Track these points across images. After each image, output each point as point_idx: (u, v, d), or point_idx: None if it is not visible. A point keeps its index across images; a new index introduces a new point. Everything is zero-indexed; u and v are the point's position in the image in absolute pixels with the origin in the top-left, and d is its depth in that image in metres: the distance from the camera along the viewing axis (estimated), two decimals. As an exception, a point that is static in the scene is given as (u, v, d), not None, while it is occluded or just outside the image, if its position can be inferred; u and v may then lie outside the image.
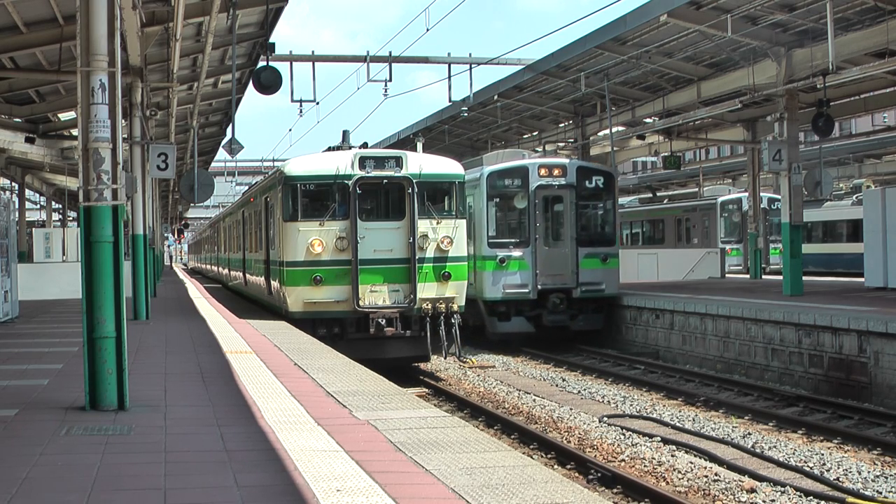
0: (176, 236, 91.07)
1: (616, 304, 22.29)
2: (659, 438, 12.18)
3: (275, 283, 19.02)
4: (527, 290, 21.78)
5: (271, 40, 20.37)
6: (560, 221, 22.48)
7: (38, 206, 54.51)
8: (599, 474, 10.27)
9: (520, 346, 22.08)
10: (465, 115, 30.81)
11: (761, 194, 31.55)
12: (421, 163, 17.77)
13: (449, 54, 29.25)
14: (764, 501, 9.33)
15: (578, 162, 24.47)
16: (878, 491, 9.70)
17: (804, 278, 22.19)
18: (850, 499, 9.37)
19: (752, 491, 9.63)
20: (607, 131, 28.59)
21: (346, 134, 19.49)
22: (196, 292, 30.23)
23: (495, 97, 29.45)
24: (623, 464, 10.95)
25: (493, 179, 22.07)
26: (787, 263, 21.77)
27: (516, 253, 21.84)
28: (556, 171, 22.13)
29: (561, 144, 33.54)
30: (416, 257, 17.29)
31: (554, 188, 22.14)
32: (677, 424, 13.15)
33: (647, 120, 29.39)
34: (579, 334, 22.33)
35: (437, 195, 17.86)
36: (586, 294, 22.05)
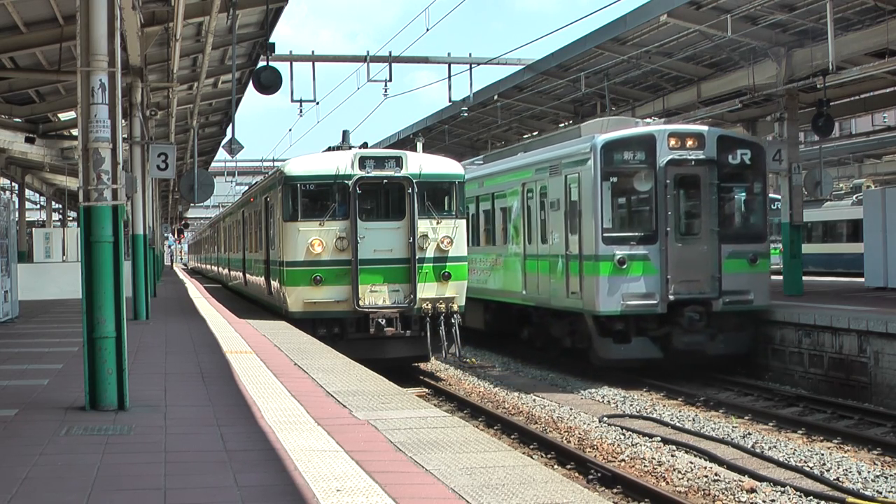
0: (176, 236, 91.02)
1: (764, 319, 17.08)
2: (659, 438, 12.18)
3: (275, 283, 19.02)
4: (653, 302, 16.51)
5: (271, 40, 20.38)
6: (695, 209, 17.35)
7: (38, 206, 54.49)
8: (599, 474, 10.27)
9: (638, 375, 16.96)
10: (465, 115, 30.80)
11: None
12: (421, 163, 17.77)
13: (449, 54, 29.27)
14: (764, 501, 9.33)
15: (719, 130, 18.65)
16: (878, 491, 9.71)
17: (803, 278, 22.18)
18: (850, 499, 9.37)
19: (752, 491, 9.63)
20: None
21: (346, 134, 19.49)
22: (196, 292, 30.23)
23: (495, 97, 29.44)
24: (623, 464, 10.95)
25: (611, 152, 16.78)
26: (786, 263, 21.78)
27: (640, 251, 16.63)
28: (689, 142, 17.06)
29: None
30: (416, 257, 17.29)
31: (689, 164, 16.93)
32: (677, 424, 13.15)
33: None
34: (711, 360, 17.15)
35: (437, 195, 17.86)
36: (730, 306, 16.80)
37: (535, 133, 35.37)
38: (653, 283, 16.52)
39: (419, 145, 21.84)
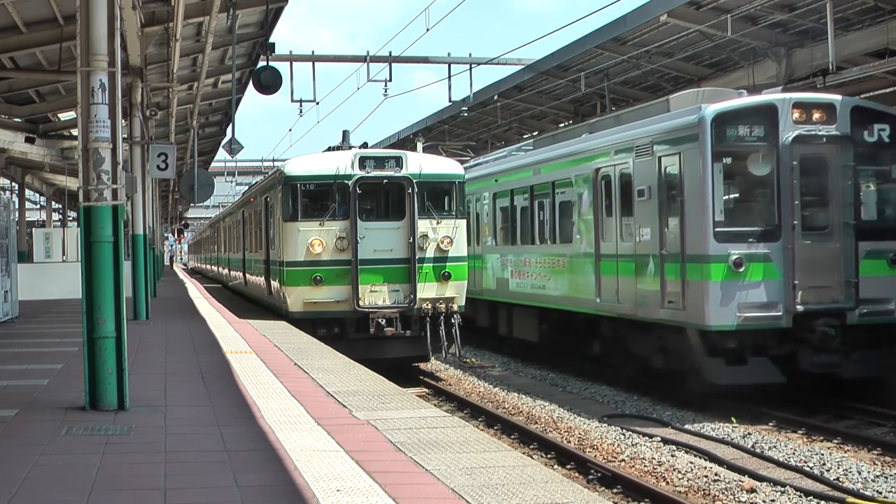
0: (176, 236, 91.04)
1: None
2: (659, 438, 12.18)
3: (275, 283, 19.02)
4: (777, 314, 13.29)
5: (271, 40, 20.40)
6: (823, 197, 14.00)
7: (38, 206, 54.52)
8: (599, 474, 10.27)
9: (756, 403, 13.85)
10: (465, 115, 30.80)
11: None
12: (421, 163, 17.78)
13: (449, 54, 29.29)
14: (764, 501, 9.33)
15: (854, 100, 14.97)
16: (878, 491, 9.70)
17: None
18: (850, 499, 9.37)
19: (752, 491, 9.63)
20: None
21: (346, 134, 19.50)
22: (196, 292, 30.24)
23: (495, 97, 29.43)
24: (623, 464, 10.94)
25: (724, 126, 13.55)
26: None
27: (760, 250, 13.41)
28: (816, 114, 13.80)
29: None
30: (416, 257, 17.29)
31: (818, 141, 13.69)
32: (677, 424, 13.15)
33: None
34: (833, 383, 14.07)
35: (437, 195, 17.87)
36: (868, 318, 13.64)
37: (535, 133, 35.39)
38: (775, 289, 13.31)
39: (419, 145, 21.86)
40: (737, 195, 14.08)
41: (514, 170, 20.66)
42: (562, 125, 33.19)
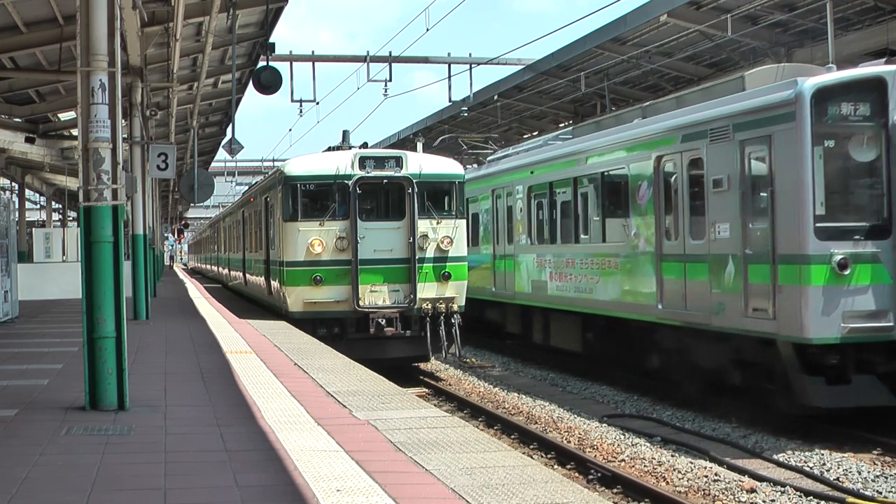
0: (176, 236, 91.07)
1: None
2: (659, 438, 12.18)
3: (275, 283, 19.02)
4: (888, 325, 11.46)
5: (271, 40, 20.39)
6: None
7: (38, 206, 54.53)
8: (599, 474, 10.27)
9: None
10: (465, 115, 30.81)
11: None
12: (421, 163, 17.79)
13: (449, 54, 29.29)
14: (764, 501, 9.33)
15: None
16: (878, 491, 9.70)
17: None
18: (850, 499, 9.37)
19: (752, 491, 9.63)
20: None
21: (346, 134, 19.51)
22: (196, 292, 30.24)
23: (495, 97, 29.44)
24: (623, 464, 10.94)
25: (825, 103, 11.68)
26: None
27: (867, 249, 11.58)
28: None
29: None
30: (416, 257, 17.30)
31: None
32: (677, 424, 13.15)
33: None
34: None
35: (437, 195, 17.88)
36: None
37: (535, 133, 35.35)
38: (885, 295, 11.43)
39: (419, 145, 21.86)
40: (840, 185, 12.01)
41: (554, 160, 18.35)
42: (562, 125, 33.21)
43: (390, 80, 28.10)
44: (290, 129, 74.98)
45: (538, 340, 19.62)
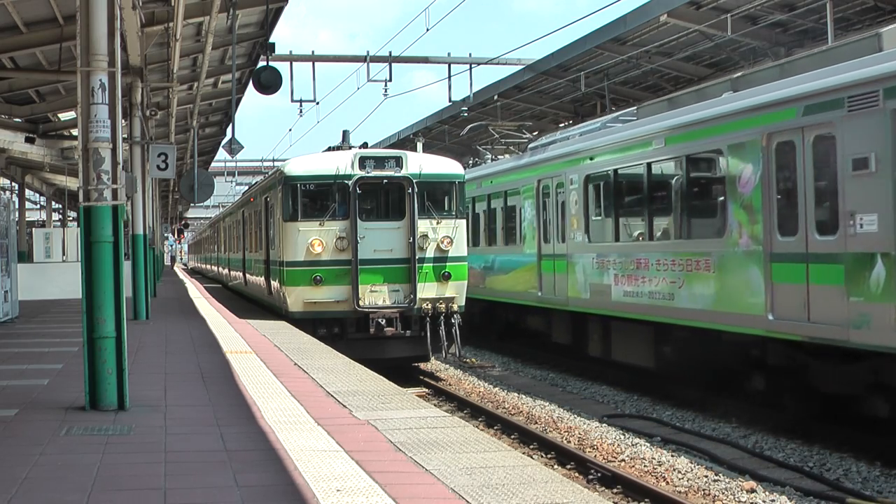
0: (176, 236, 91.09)
1: None
2: (659, 438, 12.18)
3: (275, 283, 19.02)
4: None
5: (271, 40, 20.40)
6: None
7: (38, 206, 54.53)
8: (599, 474, 10.27)
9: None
10: (465, 115, 30.80)
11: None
12: (421, 163, 17.79)
13: (449, 54, 29.27)
14: (764, 501, 9.33)
15: None
16: (878, 491, 9.70)
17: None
18: (850, 499, 9.37)
19: (752, 491, 9.63)
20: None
21: (346, 134, 19.51)
22: (196, 292, 30.25)
23: (495, 97, 29.43)
24: (623, 464, 10.94)
25: None
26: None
27: None
28: None
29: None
30: (416, 257, 17.30)
31: None
32: (677, 424, 13.15)
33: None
34: None
35: (437, 195, 17.88)
36: None
37: (534, 133, 35.30)
38: None
39: (419, 145, 21.85)
40: None
41: (620, 144, 15.66)
42: (562, 125, 33.18)
43: (390, 80, 28.12)
44: (290, 129, 74.92)
45: (595, 353, 17.00)
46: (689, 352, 14.11)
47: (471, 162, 26.81)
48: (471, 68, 28.91)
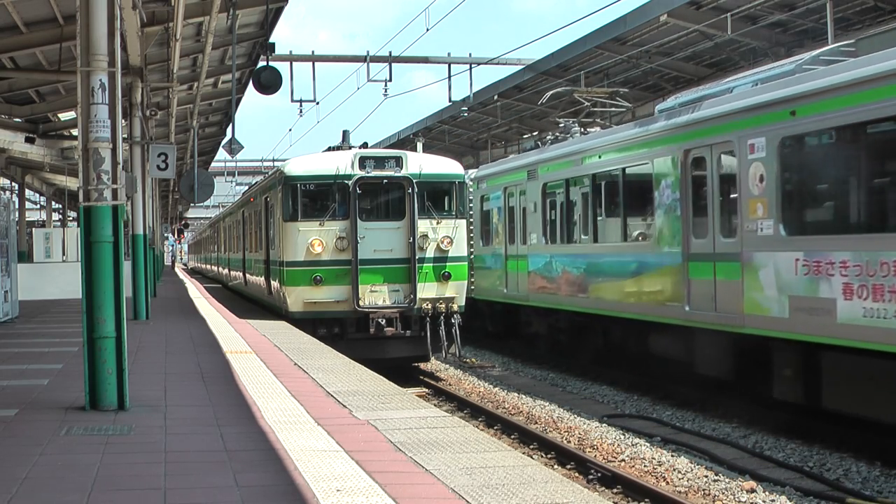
0: (176, 236, 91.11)
1: None
2: (659, 438, 12.18)
3: (275, 283, 19.03)
4: None
5: (271, 40, 20.40)
6: None
7: (38, 206, 54.55)
8: (599, 474, 10.27)
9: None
10: (465, 115, 30.82)
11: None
12: (421, 163, 17.80)
13: (449, 54, 29.29)
14: (764, 501, 9.33)
15: None
16: (878, 491, 9.70)
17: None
18: (850, 499, 9.37)
19: (752, 491, 9.63)
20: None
21: (346, 134, 19.51)
22: (196, 292, 30.25)
23: (495, 97, 29.46)
24: (623, 464, 10.94)
25: None
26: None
27: None
28: None
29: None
30: (416, 257, 17.30)
31: None
32: (677, 424, 13.15)
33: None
34: None
35: (437, 195, 17.89)
36: None
37: (534, 133, 35.26)
38: None
39: (419, 145, 21.84)
40: None
41: (849, 87, 10.44)
42: (561, 125, 33.03)
43: (390, 80, 28.13)
44: (290, 129, 75.04)
45: (782, 395, 12.00)
46: (843, 383, 11.22)
47: (531, 145, 22.40)
48: (471, 68, 28.93)
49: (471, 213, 21.56)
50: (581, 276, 16.88)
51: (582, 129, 18.89)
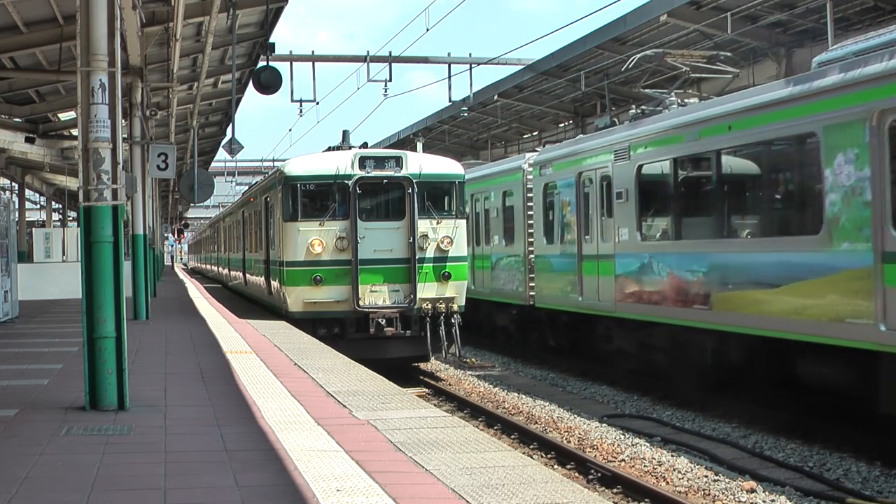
0: (176, 236, 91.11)
1: None
2: (659, 438, 12.18)
3: (275, 283, 19.03)
4: None
5: (271, 40, 20.40)
6: None
7: (38, 206, 54.54)
8: (599, 474, 10.27)
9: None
10: (465, 115, 30.81)
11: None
12: (421, 163, 17.80)
13: (449, 54, 29.28)
14: (764, 501, 9.33)
15: None
16: (878, 491, 9.70)
17: None
18: (850, 499, 9.37)
19: (752, 491, 9.63)
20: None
21: (346, 134, 19.51)
22: (196, 292, 30.25)
23: (495, 97, 29.45)
24: (623, 464, 10.94)
25: None
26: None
27: None
28: None
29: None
30: (416, 257, 17.30)
31: None
32: (677, 424, 13.15)
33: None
34: None
35: (437, 195, 17.89)
36: None
37: (534, 133, 35.28)
38: None
39: (419, 145, 21.82)
40: None
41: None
42: (561, 125, 33.13)
43: (390, 80, 28.13)
44: (290, 129, 75.06)
45: None
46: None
47: (619, 118, 18.81)
48: (471, 68, 28.93)
49: (530, 206, 19.38)
50: (698, 283, 13.36)
51: (679, 101, 16.19)
